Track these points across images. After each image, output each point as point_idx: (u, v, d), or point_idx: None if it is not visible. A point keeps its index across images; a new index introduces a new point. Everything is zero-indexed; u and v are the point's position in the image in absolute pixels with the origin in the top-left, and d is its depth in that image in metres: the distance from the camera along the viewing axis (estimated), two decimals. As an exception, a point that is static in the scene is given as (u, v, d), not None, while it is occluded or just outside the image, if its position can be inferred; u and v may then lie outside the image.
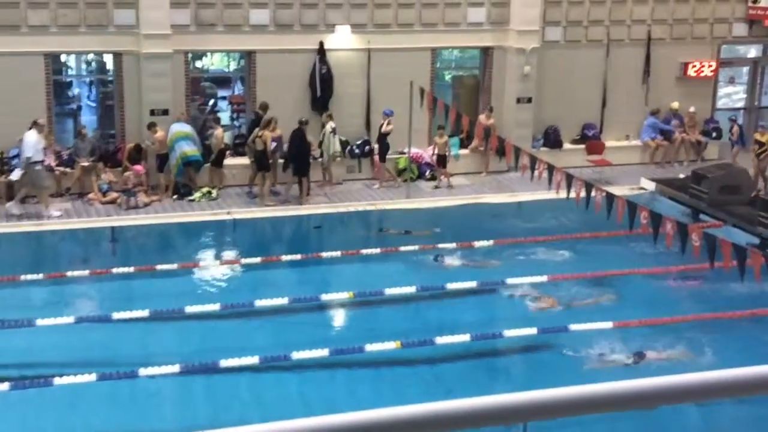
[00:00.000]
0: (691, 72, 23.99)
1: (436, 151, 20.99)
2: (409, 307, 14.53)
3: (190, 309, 13.81)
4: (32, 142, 18.11)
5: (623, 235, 15.69)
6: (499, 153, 18.86)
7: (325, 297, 14.63)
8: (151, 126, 19.45)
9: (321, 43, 21.03)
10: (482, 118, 21.58)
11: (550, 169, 16.26)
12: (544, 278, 15.29)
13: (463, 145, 22.05)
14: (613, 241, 16.71)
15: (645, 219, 14.29)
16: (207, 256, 17.06)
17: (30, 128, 18.04)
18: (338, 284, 15.20)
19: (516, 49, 22.16)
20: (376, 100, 21.50)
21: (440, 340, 12.93)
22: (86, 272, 15.32)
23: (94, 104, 24.48)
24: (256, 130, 19.52)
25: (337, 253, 16.47)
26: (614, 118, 23.46)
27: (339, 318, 14.73)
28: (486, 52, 22.74)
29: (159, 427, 10.88)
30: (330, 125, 20.26)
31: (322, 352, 12.47)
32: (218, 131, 20.37)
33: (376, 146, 21.04)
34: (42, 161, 18.28)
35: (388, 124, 20.60)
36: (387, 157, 20.95)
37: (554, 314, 14.20)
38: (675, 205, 19.58)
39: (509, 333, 13.20)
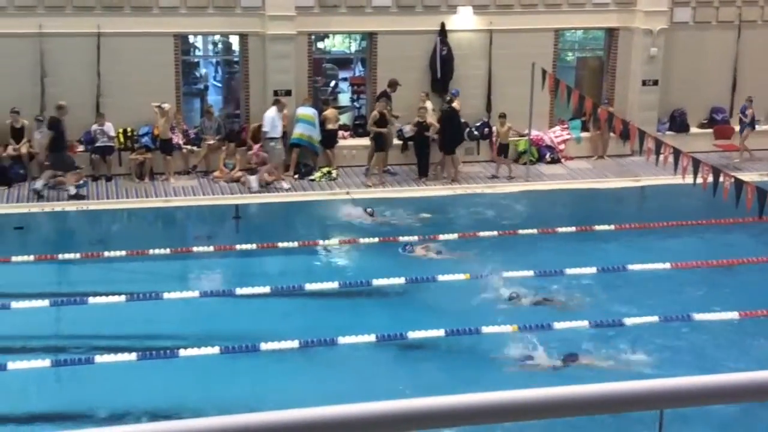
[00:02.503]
0: (828, 54, 22.92)
1: (498, 140, 20.50)
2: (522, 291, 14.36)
3: (309, 286, 14.05)
4: (270, 119, 19.06)
5: (751, 222, 15.19)
6: (622, 136, 18.49)
7: (442, 278, 14.62)
8: (276, 104, 19.83)
9: (442, 24, 20.98)
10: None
11: (676, 153, 15.85)
12: (666, 265, 14.94)
13: (584, 128, 21.72)
14: (740, 228, 16.19)
15: (776, 207, 13.77)
16: (326, 235, 17.27)
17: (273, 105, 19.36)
18: (453, 266, 15.15)
19: (643, 30, 21.61)
20: (496, 81, 21.33)
21: (558, 325, 12.82)
22: (210, 248, 15.75)
23: (219, 84, 25.08)
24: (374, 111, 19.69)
25: (454, 236, 16.47)
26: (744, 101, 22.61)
27: (455, 299, 14.65)
28: (611, 33, 22.26)
29: (277, 400, 11.08)
30: (428, 104, 20.25)
31: (438, 333, 12.54)
32: (327, 111, 20.57)
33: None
34: (279, 137, 19.14)
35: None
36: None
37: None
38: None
39: (631, 321, 12.98)
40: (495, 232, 16.70)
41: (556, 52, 21.86)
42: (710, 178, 14.97)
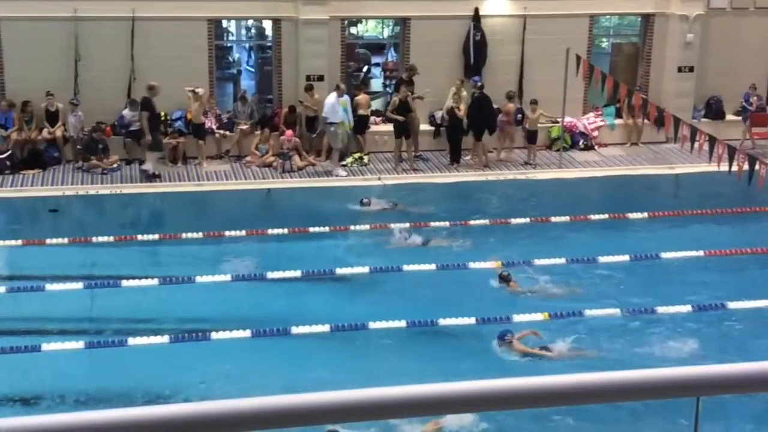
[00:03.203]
0: None
1: (527, 126, 20.33)
2: (564, 276, 14.29)
3: (340, 271, 14.08)
4: (329, 104, 19.22)
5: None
6: (657, 124, 18.32)
7: (473, 265, 14.57)
8: (309, 89, 19.86)
9: (476, 10, 20.86)
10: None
11: (712, 141, 15.68)
12: (700, 253, 14.81)
13: (618, 114, 21.55)
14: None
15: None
16: (357, 220, 17.27)
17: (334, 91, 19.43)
18: (488, 252, 15.09)
19: (679, 16, 21.37)
20: (530, 67, 21.19)
21: (590, 312, 12.77)
22: (243, 232, 15.81)
23: (252, 69, 25.13)
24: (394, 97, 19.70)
25: (485, 221, 16.43)
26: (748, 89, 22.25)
27: (485, 285, 14.58)
28: (647, 18, 22.02)
29: (307, 384, 11.13)
30: (464, 93, 20.16)
31: (469, 321, 12.53)
32: (359, 97, 20.53)
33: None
34: (339, 122, 19.22)
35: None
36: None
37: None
38: None
39: (663, 309, 12.88)
40: (527, 219, 16.62)
41: (590, 38, 21.66)
42: (746, 166, 14.79)
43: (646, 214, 16.64)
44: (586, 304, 13.06)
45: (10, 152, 18.88)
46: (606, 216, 16.66)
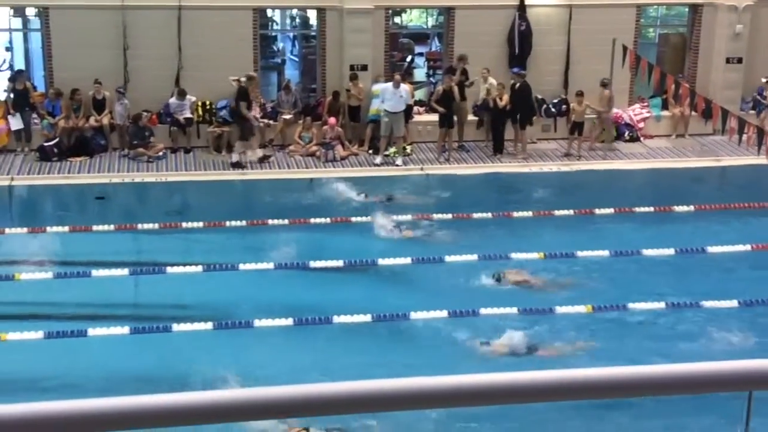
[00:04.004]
0: None
1: (573, 118, 20.11)
2: (604, 269, 14.19)
3: (382, 261, 14.09)
4: (387, 93, 19.30)
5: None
6: (705, 115, 18.10)
7: (516, 255, 14.50)
8: (353, 78, 19.88)
9: (521, -1, 20.74)
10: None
11: (760, 133, 15.46)
12: (747, 247, 14.61)
13: (665, 106, 21.30)
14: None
15: None
16: (399, 211, 17.26)
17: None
18: (530, 244, 15.02)
19: (728, 6, 21.05)
20: (575, 57, 21.00)
21: (635, 305, 12.67)
22: (285, 221, 15.88)
23: (296, 59, 25.19)
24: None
25: (528, 213, 16.35)
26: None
27: (530, 277, 14.51)
28: (695, 9, 21.72)
29: (346, 372, 11.17)
30: (491, 81, 20.02)
31: (512, 310, 12.51)
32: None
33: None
34: (393, 112, 19.18)
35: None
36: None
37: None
38: None
39: (710, 303, 12.72)
40: (570, 212, 16.49)
41: (637, 29, 21.42)
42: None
43: (692, 207, 16.45)
44: (630, 297, 12.96)
45: (57, 140, 19.15)
46: (651, 208, 16.50)
